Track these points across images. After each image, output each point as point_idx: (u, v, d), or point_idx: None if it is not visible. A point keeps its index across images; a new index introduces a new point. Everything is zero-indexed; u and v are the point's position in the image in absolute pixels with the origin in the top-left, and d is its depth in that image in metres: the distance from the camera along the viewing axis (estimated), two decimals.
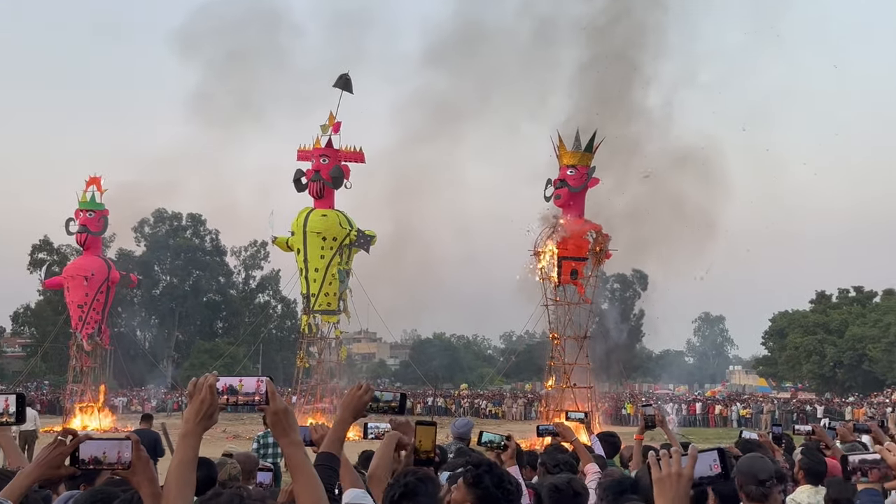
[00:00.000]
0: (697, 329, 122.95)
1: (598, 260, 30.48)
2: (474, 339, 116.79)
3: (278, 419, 2.86)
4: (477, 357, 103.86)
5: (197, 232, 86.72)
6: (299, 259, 37.88)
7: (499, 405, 58.43)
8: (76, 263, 42.83)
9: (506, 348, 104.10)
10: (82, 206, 40.58)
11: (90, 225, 40.56)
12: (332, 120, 38.10)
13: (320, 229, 37.26)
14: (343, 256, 37.81)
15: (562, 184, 30.48)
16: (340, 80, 38.18)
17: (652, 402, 8.65)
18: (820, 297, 77.12)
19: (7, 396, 2.37)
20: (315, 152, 37.68)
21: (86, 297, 40.27)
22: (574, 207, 30.63)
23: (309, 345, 39.16)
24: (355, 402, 3.41)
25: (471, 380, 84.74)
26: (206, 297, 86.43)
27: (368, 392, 3.39)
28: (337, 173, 37.51)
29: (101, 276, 40.55)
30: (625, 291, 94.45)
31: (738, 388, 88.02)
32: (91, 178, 41.19)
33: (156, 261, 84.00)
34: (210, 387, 2.74)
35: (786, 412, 50.34)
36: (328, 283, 37.45)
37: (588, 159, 30.61)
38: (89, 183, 41.02)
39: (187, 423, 2.78)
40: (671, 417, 50.39)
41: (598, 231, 30.36)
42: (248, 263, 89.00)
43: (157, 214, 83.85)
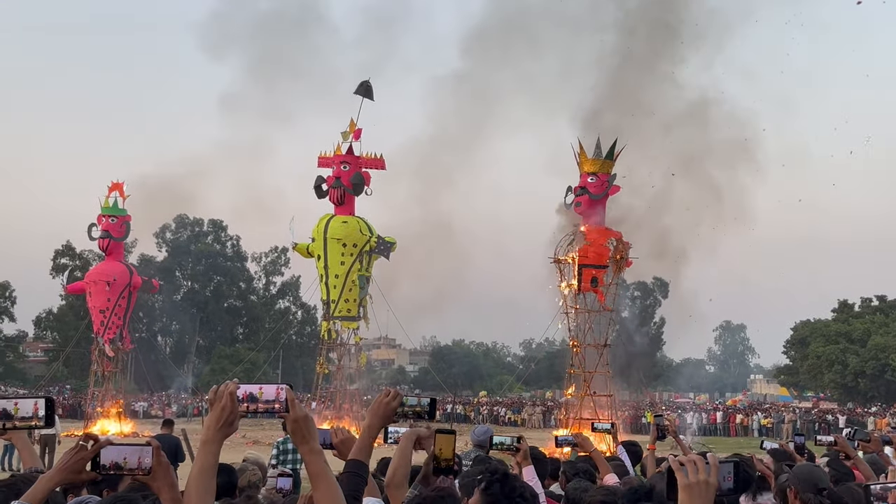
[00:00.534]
0: (718, 337, 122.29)
1: (618, 268, 30.38)
2: (494, 347, 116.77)
3: (298, 426, 2.87)
4: (496, 364, 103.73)
5: (218, 237, 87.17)
6: (319, 265, 37.98)
7: (518, 413, 58.29)
8: (98, 269, 43.14)
9: (525, 356, 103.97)
10: (105, 212, 40.88)
11: (112, 230, 40.83)
12: (353, 126, 38.20)
13: (340, 236, 37.35)
14: (363, 263, 37.89)
15: (582, 191, 30.41)
16: (361, 87, 38.30)
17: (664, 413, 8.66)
18: (842, 306, 76.53)
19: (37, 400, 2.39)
20: (336, 159, 37.78)
21: (108, 302, 40.55)
22: (594, 215, 30.55)
23: (329, 351, 39.24)
24: (383, 408, 3.41)
25: (490, 387, 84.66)
26: (227, 303, 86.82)
27: (397, 398, 3.38)
28: (357, 180, 37.60)
29: (123, 282, 40.82)
30: (645, 299, 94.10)
31: (760, 397, 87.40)
32: (114, 183, 41.49)
33: (177, 266, 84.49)
34: (230, 394, 2.75)
35: (807, 422, 49.91)
36: (348, 290, 37.53)
37: (609, 167, 30.53)
38: (112, 188, 41.32)
39: (208, 430, 2.79)
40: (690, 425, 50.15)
41: (619, 239, 30.26)
42: (268, 269, 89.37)
43: (179, 220, 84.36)
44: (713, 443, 40.12)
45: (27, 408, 2.36)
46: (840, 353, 68.83)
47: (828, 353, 69.68)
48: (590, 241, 29.83)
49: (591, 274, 29.77)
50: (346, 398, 38.34)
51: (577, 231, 30.35)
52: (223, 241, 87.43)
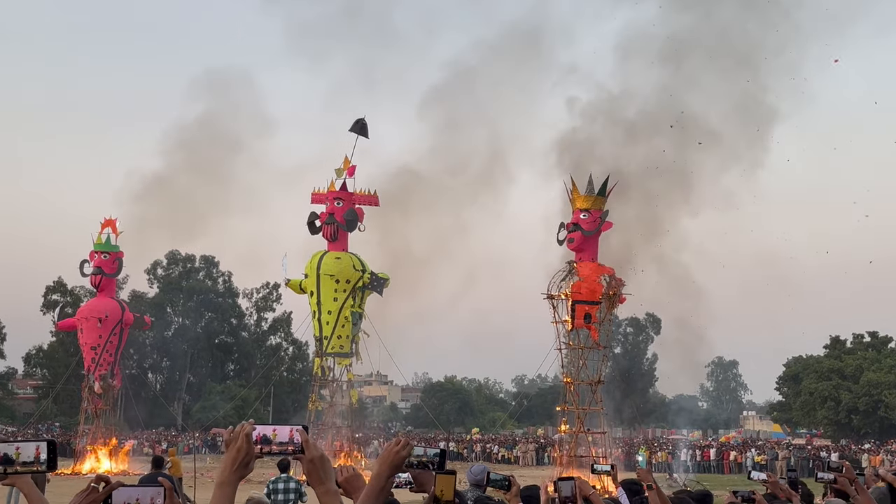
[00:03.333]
0: (711, 373, 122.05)
1: (611, 304, 30.42)
2: (486, 383, 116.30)
3: (314, 467, 2.86)
4: (488, 400, 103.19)
5: (210, 274, 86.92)
6: (312, 301, 37.94)
7: (511, 450, 57.91)
8: (90, 305, 42.97)
9: (518, 392, 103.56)
10: (97, 248, 40.82)
11: (105, 267, 40.76)
12: (347, 163, 38.39)
13: (334, 272, 37.37)
14: (356, 299, 37.86)
15: (575, 227, 30.53)
16: (357, 125, 38.55)
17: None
18: (834, 343, 76.54)
19: (39, 444, 2.37)
20: (329, 195, 37.92)
21: (99, 338, 40.35)
22: (587, 251, 30.64)
23: (321, 387, 39.07)
24: (392, 457, 3.38)
25: (482, 424, 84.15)
26: (218, 339, 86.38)
27: (407, 447, 3.36)
28: (351, 216, 37.71)
29: (115, 318, 40.66)
30: (637, 335, 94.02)
31: (753, 433, 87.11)
32: (106, 220, 41.48)
33: (168, 302, 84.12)
34: (247, 435, 2.75)
35: (802, 459, 49.73)
36: (341, 326, 37.48)
37: (601, 203, 30.69)
38: (104, 225, 41.30)
39: (224, 472, 2.78)
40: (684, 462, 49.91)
41: (612, 275, 30.33)
42: (260, 305, 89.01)
43: (171, 256, 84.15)
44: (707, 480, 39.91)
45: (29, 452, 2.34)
46: (833, 390, 68.73)
47: (820, 389, 69.58)
48: (583, 277, 29.89)
49: (584, 310, 29.79)
50: (337, 435, 38.13)
51: (570, 267, 30.42)
52: (215, 277, 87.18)
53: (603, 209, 30.73)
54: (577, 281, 29.86)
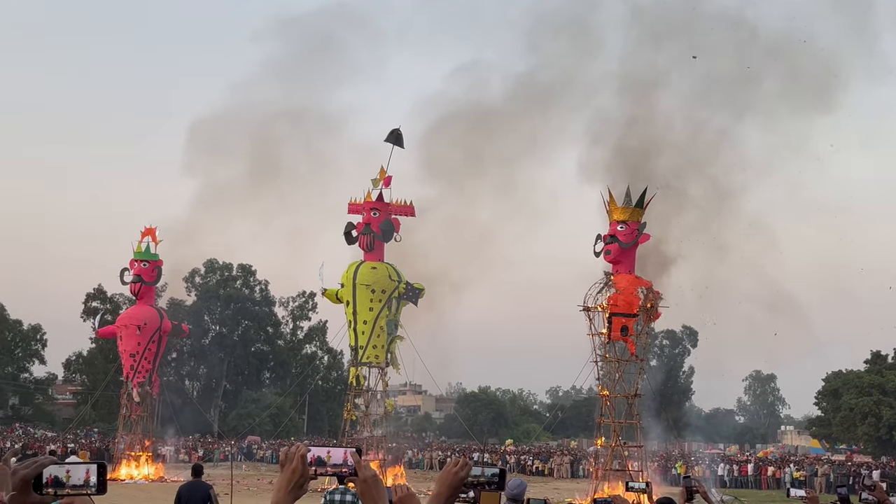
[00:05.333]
0: (748, 387, 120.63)
1: (648, 317, 30.20)
2: (520, 394, 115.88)
3: (367, 487, 2.88)
4: (522, 412, 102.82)
5: (247, 282, 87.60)
6: (348, 311, 38.09)
7: (546, 462, 57.60)
8: (129, 313, 43.46)
9: (552, 403, 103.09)
10: (137, 257, 41.32)
11: (144, 275, 41.23)
12: (383, 174, 38.54)
13: (369, 282, 37.50)
14: (391, 309, 37.96)
15: (612, 239, 30.37)
16: (392, 135, 38.68)
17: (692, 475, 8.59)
18: (875, 358, 75.33)
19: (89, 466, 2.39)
20: (366, 205, 38.07)
21: (138, 346, 40.81)
22: (624, 263, 30.47)
23: (356, 396, 39.17)
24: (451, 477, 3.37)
25: (516, 435, 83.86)
26: (255, 347, 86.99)
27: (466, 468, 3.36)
28: (387, 227, 37.84)
29: (154, 326, 41.10)
30: (674, 348, 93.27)
31: (791, 448, 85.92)
32: (146, 228, 41.97)
33: (206, 310, 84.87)
34: (302, 457, 2.77)
35: (841, 475, 48.89)
36: (376, 336, 37.58)
37: (639, 215, 30.51)
38: (144, 233, 41.80)
39: (278, 493, 2.80)
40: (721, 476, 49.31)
41: (649, 288, 30.13)
42: (296, 314, 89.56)
43: (209, 264, 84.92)
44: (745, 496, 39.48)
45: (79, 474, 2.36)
46: (874, 406, 67.63)
47: (861, 405, 68.49)
48: (620, 289, 29.72)
49: (621, 322, 29.60)
50: (372, 445, 38.19)
51: (607, 279, 30.27)
52: (252, 285, 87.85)
53: (640, 221, 30.55)
54: (613, 293, 29.70)
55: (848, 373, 75.36)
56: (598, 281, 30.48)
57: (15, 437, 61.74)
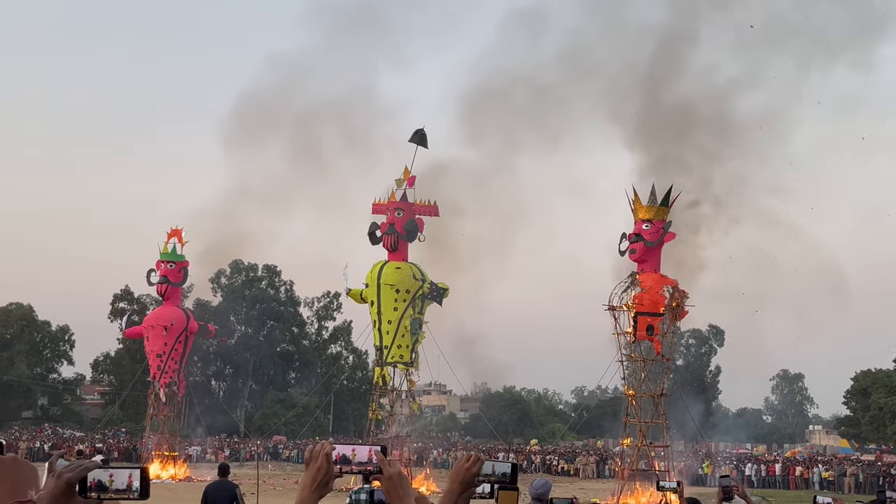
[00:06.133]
0: (776, 387, 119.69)
1: (674, 316, 30.02)
2: (545, 394, 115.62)
3: (393, 484, 2.85)
4: (548, 412, 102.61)
5: (272, 283, 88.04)
6: (373, 311, 38.16)
7: (571, 462, 57.42)
8: (156, 313, 43.80)
9: (577, 403, 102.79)
10: (163, 258, 41.62)
11: (171, 276, 41.52)
12: (407, 174, 38.57)
13: (394, 282, 37.55)
14: (416, 309, 37.99)
15: (637, 238, 30.22)
16: (416, 136, 38.70)
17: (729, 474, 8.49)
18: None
19: (132, 471, 2.40)
20: (390, 205, 38.12)
21: (164, 346, 41.11)
22: (650, 262, 30.30)
23: (381, 396, 39.24)
24: (463, 473, 3.36)
25: (541, 435, 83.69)
26: (280, 347, 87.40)
27: (477, 463, 3.34)
28: (411, 227, 37.87)
29: (180, 327, 41.39)
30: (700, 347, 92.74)
31: (819, 448, 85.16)
32: (172, 230, 42.26)
33: (231, 311, 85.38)
34: (327, 455, 2.75)
35: (871, 475, 48.38)
36: (401, 335, 37.63)
37: (664, 213, 30.33)
38: (170, 235, 42.09)
39: (303, 491, 2.78)
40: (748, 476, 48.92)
41: (675, 286, 29.94)
42: (321, 314, 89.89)
43: (234, 265, 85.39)
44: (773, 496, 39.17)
45: (122, 479, 2.38)
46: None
47: (890, 404, 67.78)
48: (645, 288, 29.56)
49: (646, 322, 29.44)
50: (397, 444, 38.24)
51: (632, 278, 30.12)
52: (277, 286, 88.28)
53: (666, 220, 30.37)
54: (639, 292, 29.55)
55: (877, 372, 74.61)
56: (624, 280, 30.34)
57: (44, 438, 62.39)
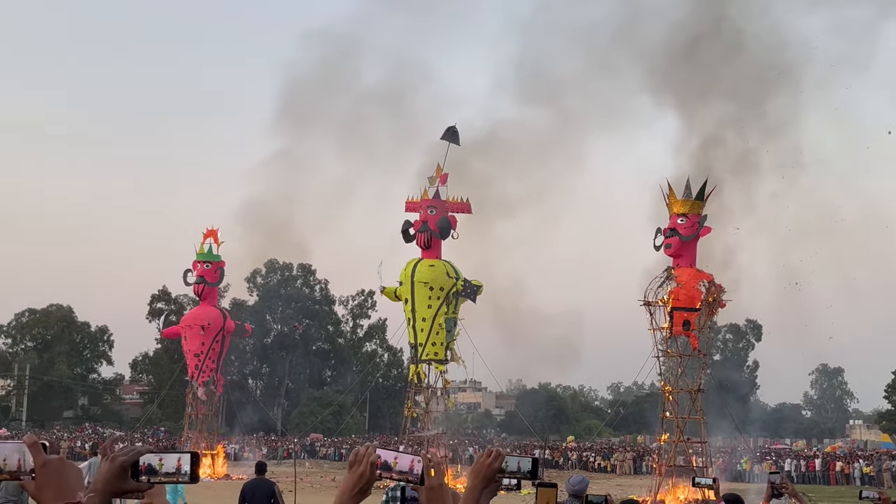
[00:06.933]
0: (815, 381, 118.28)
1: (710, 310, 29.75)
2: (580, 390, 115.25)
3: (434, 494, 2.85)
4: (584, 408, 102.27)
5: (307, 282, 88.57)
6: (407, 309, 38.23)
7: (608, 458, 57.18)
8: (193, 313, 44.21)
9: (614, 399, 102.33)
10: (200, 258, 41.99)
11: (207, 276, 41.88)
12: (440, 171, 38.59)
13: (427, 279, 37.58)
14: (450, 306, 38.00)
15: (672, 233, 29.96)
16: (448, 133, 38.72)
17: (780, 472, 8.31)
18: None
19: (181, 455, 2.43)
20: (423, 203, 38.15)
21: (202, 346, 41.49)
22: (685, 257, 30.05)
23: (416, 394, 39.32)
24: (484, 469, 3.35)
25: (577, 431, 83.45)
26: (315, 346, 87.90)
27: (498, 459, 3.33)
28: (444, 224, 37.87)
29: (217, 326, 41.74)
30: (737, 342, 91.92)
31: (860, 443, 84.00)
32: (208, 230, 42.62)
33: (267, 310, 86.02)
34: (371, 463, 2.74)
35: None
36: (435, 333, 37.66)
37: (699, 207, 30.05)
38: (206, 235, 42.45)
39: (343, 495, 2.78)
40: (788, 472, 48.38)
41: (711, 281, 29.67)
42: (355, 312, 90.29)
43: (269, 265, 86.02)
44: (813, 492, 38.68)
45: (172, 463, 2.41)
46: None
47: None
48: (681, 283, 29.31)
49: (682, 317, 29.20)
50: (433, 441, 38.29)
51: (668, 273, 29.87)
52: (312, 284, 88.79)
53: (701, 213, 30.09)
54: (675, 287, 29.31)
55: None
56: (659, 275, 30.11)
57: (85, 437, 63.27)
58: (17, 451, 2.24)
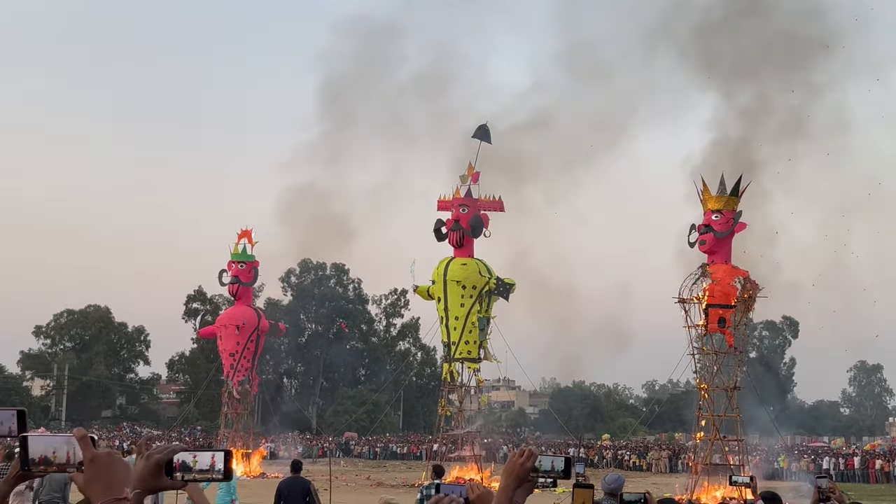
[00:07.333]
0: (853, 378, 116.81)
1: (746, 307, 29.47)
2: (615, 388, 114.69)
3: None
4: (618, 406, 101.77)
5: (340, 281, 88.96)
6: (440, 307, 38.27)
7: (643, 457, 56.87)
8: (228, 313, 44.60)
9: (648, 397, 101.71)
10: (234, 258, 42.35)
11: (242, 276, 42.23)
12: (471, 170, 38.59)
13: (460, 278, 37.59)
14: (483, 304, 37.98)
15: (707, 229, 29.71)
16: (479, 131, 38.71)
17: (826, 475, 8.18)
18: None
19: (215, 453, 2.48)
20: (455, 202, 38.18)
21: (237, 345, 41.85)
22: (720, 253, 29.79)
23: (450, 392, 39.36)
24: (517, 468, 3.36)
25: (612, 429, 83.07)
26: (349, 345, 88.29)
27: (531, 458, 3.34)
28: (476, 222, 37.87)
29: (252, 325, 42.08)
30: (774, 339, 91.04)
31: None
32: (242, 231, 42.96)
33: (301, 310, 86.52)
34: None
35: None
36: (468, 331, 37.66)
37: (734, 203, 29.77)
38: (241, 236, 42.79)
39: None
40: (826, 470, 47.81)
41: (746, 277, 29.39)
42: (388, 311, 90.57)
43: (303, 265, 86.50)
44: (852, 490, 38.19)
45: (205, 460, 2.45)
46: None
47: None
48: (716, 279, 29.07)
49: (717, 314, 28.96)
50: (467, 440, 38.32)
51: (703, 270, 29.63)
52: (345, 284, 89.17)
53: (736, 209, 29.81)
54: (710, 284, 29.07)
55: None
56: (694, 272, 29.88)
57: (123, 436, 64.05)
58: (66, 443, 2.30)
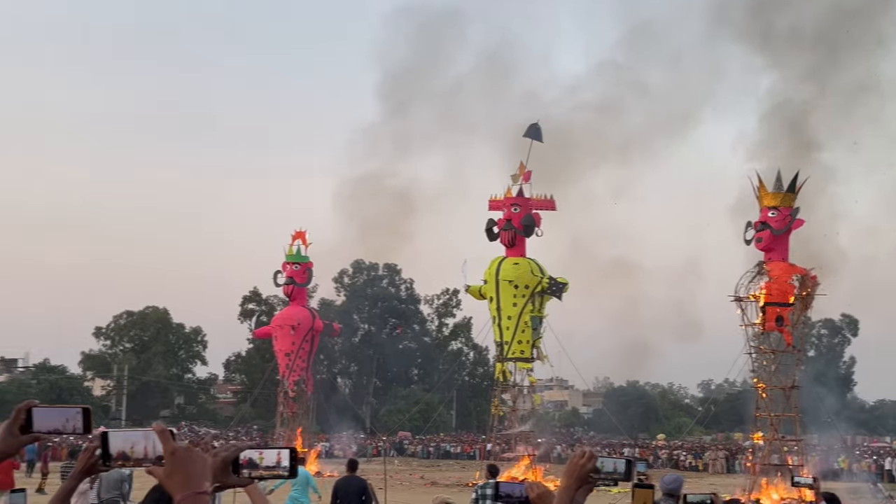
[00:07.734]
0: None
1: (804, 305, 28.99)
2: (670, 388, 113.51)
3: None
4: (673, 406, 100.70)
5: (392, 281, 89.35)
6: (492, 307, 38.25)
7: (699, 457, 56.21)
8: (283, 314, 45.08)
9: (704, 397, 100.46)
10: (289, 259, 42.81)
11: (296, 277, 42.68)
12: (523, 169, 38.50)
13: (512, 277, 37.54)
14: (535, 304, 37.89)
15: (763, 226, 29.30)
16: (531, 130, 38.62)
17: None
18: None
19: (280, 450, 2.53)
20: (506, 201, 38.14)
21: (292, 345, 42.29)
22: (777, 251, 29.34)
23: (502, 392, 39.33)
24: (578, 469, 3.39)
25: (667, 430, 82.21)
26: (402, 345, 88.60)
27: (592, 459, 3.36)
28: (528, 221, 37.78)
29: (307, 326, 42.49)
30: (833, 338, 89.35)
31: None
32: (297, 232, 43.41)
33: (354, 310, 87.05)
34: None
35: None
36: (521, 331, 37.59)
37: (791, 200, 29.32)
38: (295, 237, 43.24)
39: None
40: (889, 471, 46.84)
41: (805, 275, 28.91)
42: (440, 311, 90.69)
43: (356, 265, 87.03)
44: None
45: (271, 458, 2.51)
46: None
47: None
48: (773, 277, 28.64)
49: (775, 312, 28.53)
50: (520, 440, 38.28)
51: (760, 268, 29.22)
52: (397, 284, 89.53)
53: (793, 206, 29.35)
54: (767, 282, 28.65)
55: None
56: (750, 270, 29.48)
57: (181, 436, 64.96)
58: (145, 438, 2.29)
